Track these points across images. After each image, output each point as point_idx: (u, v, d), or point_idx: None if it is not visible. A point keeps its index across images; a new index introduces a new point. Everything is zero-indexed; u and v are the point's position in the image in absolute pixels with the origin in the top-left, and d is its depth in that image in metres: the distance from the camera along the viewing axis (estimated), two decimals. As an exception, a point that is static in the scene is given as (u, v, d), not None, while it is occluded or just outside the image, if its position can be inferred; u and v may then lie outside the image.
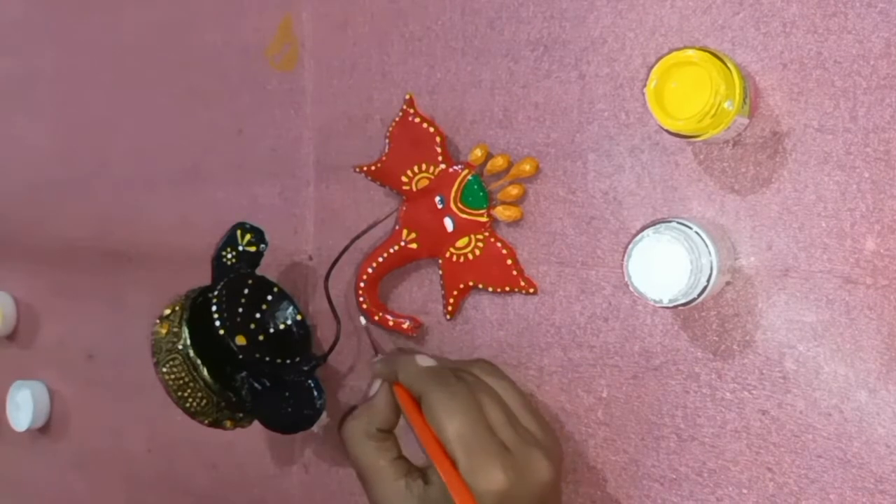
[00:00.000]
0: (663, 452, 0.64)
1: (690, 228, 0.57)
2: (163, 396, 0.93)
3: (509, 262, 0.71)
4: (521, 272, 0.70)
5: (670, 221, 0.58)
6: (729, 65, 0.55)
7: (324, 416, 0.80)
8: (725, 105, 0.54)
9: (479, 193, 0.72)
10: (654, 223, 0.58)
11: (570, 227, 0.68)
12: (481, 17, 0.73)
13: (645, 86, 0.56)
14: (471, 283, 0.73)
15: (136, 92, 1.04)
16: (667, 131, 0.57)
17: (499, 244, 0.71)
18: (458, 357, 0.75)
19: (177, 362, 0.76)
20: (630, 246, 0.58)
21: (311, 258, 0.86)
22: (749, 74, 0.59)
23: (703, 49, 0.55)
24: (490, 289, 0.72)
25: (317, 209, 0.85)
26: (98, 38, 1.09)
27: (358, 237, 0.78)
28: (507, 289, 0.71)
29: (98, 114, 1.09)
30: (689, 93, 0.55)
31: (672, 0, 0.63)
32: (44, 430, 1.15)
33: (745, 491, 0.61)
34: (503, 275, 0.71)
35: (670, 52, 0.56)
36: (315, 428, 0.79)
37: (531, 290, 0.70)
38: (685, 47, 0.56)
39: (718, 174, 0.61)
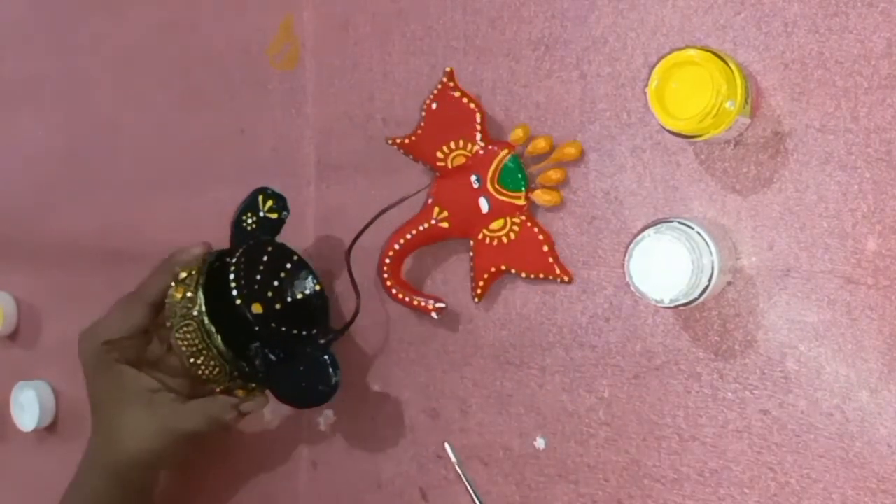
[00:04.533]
0: (665, 452, 0.64)
1: (692, 228, 0.57)
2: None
3: (545, 248, 0.68)
4: (556, 259, 0.68)
5: (671, 221, 0.58)
6: (731, 65, 0.55)
7: (330, 413, 0.80)
8: (727, 105, 0.54)
9: (518, 175, 0.69)
10: (655, 223, 0.58)
11: (571, 227, 0.68)
12: (482, 17, 0.73)
13: (646, 85, 0.56)
14: (503, 268, 0.70)
15: (138, 92, 1.04)
16: (668, 131, 0.57)
17: (535, 229, 0.69)
18: (460, 356, 0.75)
19: (191, 328, 0.75)
20: (631, 246, 0.58)
21: (311, 258, 0.86)
22: (751, 74, 0.59)
23: (705, 49, 0.55)
24: (523, 274, 0.70)
25: (317, 209, 0.85)
26: (100, 38, 1.09)
27: (386, 210, 0.75)
28: (542, 276, 0.69)
29: (100, 114, 1.09)
30: (690, 93, 0.55)
31: (674, 0, 0.63)
32: (51, 430, 1.15)
33: (746, 491, 0.61)
34: (538, 261, 0.69)
35: (672, 51, 0.56)
36: (322, 426, 0.79)
37: (566, 279, 0.68)
38: (687, 47, 0.56)
39: (720, 174, 0.61)
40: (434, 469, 0.78)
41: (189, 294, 0.75)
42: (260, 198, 0.79)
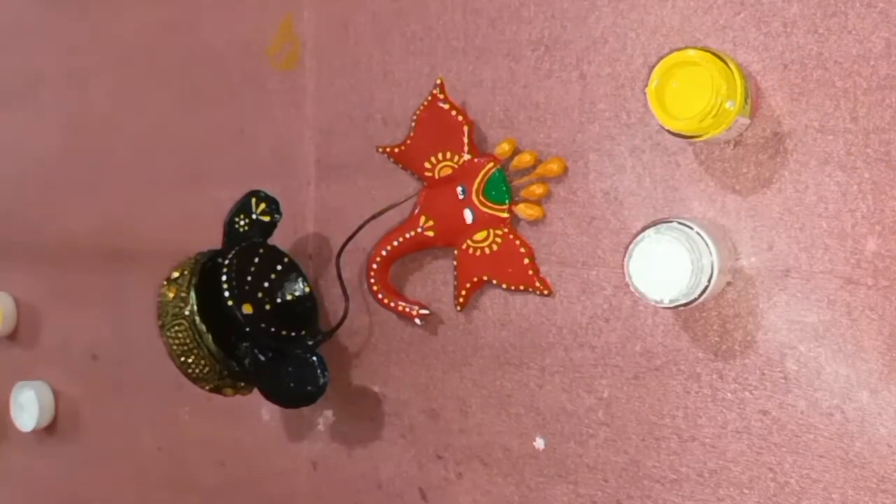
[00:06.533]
0: (664, 453, 0.64)
1: (691, 229, 0.56)
2: (170, 395, 0.93)
3: (526, 261, 0.70)
4: (536, 272, 0.70)
5: (671, 222, 0.58)
6: (730, 65, 0.55)
7: (330, 414, 0.80)
8: (727, 105, 0.54)
9: (503, 188, 0.70)
10: (654, 223, 0.58)
11: (570, 227, 0.68)
12: (482, 17, 0.73)
13: (646, 86, 0.56)
14: (485, 278, 0.72)
15: (138, 92, 1.04)
16: (668, 131, 0.57)
17: (517, 242, 0.70)
18: (460, 356, 0.75)
19: (182, 328, 0.76)
20: (631, 246, 0.58)
21: (311, 257, 0.86)
22: (750, 75, 0.59)
23: (705, 49, 0.55)
24: (504, 286, 0.71)
25: (317, 209, 0.85)
26: (101, 38, 1.09)
27: (375, 216, 0.76)
28: (522, 288, 0.70)
29: (99, 114, 1.09)
30: (690, 93, 0.55)
31: (673, 0, 0.63)
32: (51, 430, 1.15)
33: (746, 491, 0.61)
34: (519, 273, 0.70)
35: (672, 52, 0.56)
36: (321, 426, 0.80)
37: (545, 292, 0.69)
38: (686, 47, 0.56)
39: (719, 174, 0.61)
40: (434, 469, 0.78)
41: (182, 294, 0.76)
42: (253, 200, 0.80)
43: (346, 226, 0.80)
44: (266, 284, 0.78)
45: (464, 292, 0.73)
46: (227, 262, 0.75)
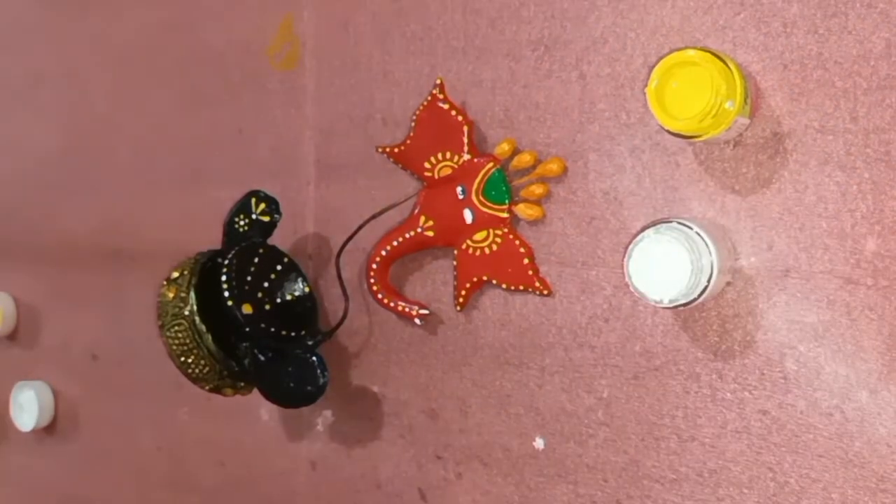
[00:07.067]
0: (664, 453, 0.64)
1: (691, 229, 0.57)
2: (170, 395, 0.93)
3: (526, 261, 0.70)
4: (536, 272, 0.70)
5: (671, 222, 0.58)
6: (730, 65, 0.55)
7: (329, 414, 0.80)
8: (726, 105, 0.54)
9: (503, 188, 0.71)
10: (654, 223, 0.58)
11: (570, 227, 0.68)
12: (482, 17, 0.73)
13: (646, 86, 0.56)
14: (484, 278, 0.72)
15: (138, 91, 1.04)
16: (668, 131, 0.57)
17: (517, 242, 0.70)
18: (460, 356, 0.75)
19: (182, 328, 0.76)
20: (630, 246, 0.58)
21: (310, 257, 0.86)
22: (750, 75, 0.59)
23: (705, 49, 0.55)
24: (504, 286, 0.71)
25: (317, 209, 0.85)
26: (101, 38, 1.09)
27: (375, 216, 0.77)
28: (521, 288, 0.71)
29: (99, 114, 1.09)
30: (690, 93, 0.55)
31: (673, 0, 0.63)
32: (50, 430, 1.15)
33: (745, 491, 0.61)
34: (518, 273, 0.70)
35: (671, 52, 0.56)
36: (321, 427, 0.80)
37: (545, 292, 0.69)
38: (686, 47, 0.56)
39: (719, 174, 0.61)
40: (433, 469, 0.78)
41: (181, 294, 0.76)
42: (253, 200, 0.80)
43: (346, 226, 0.80)
44: (266, 284, 0.79)
45: (463, 292, 0.74)
46: (226, 262, 0.75)
